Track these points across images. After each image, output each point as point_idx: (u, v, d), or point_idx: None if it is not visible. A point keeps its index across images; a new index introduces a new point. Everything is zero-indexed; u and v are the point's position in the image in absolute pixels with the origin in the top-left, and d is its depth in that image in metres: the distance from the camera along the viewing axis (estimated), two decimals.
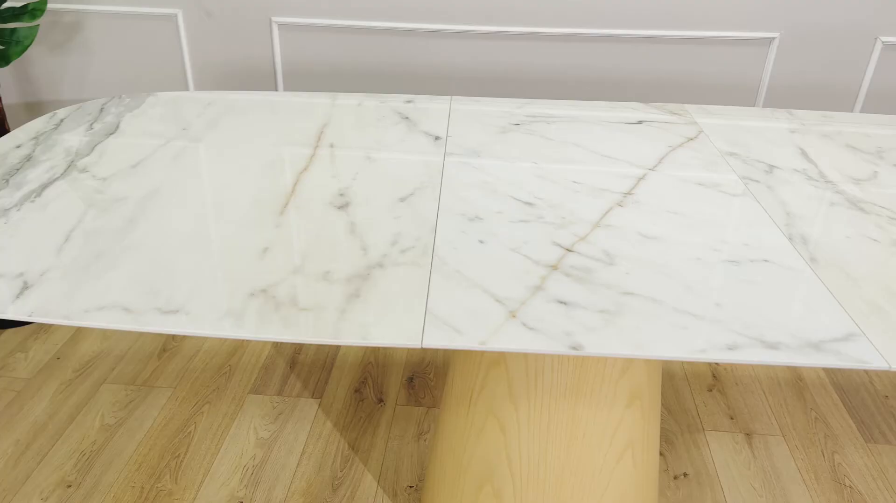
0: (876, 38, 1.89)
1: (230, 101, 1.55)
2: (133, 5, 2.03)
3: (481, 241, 1.03)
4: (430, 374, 1.88)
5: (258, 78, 2.09)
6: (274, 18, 1.99)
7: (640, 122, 1.46)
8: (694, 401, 1.82)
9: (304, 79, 2.06)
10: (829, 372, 1.93)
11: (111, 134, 1.38)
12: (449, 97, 1.57)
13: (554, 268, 0.96)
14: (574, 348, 0.82)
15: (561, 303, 0.89)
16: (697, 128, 1.45)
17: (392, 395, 1.81)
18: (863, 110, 1.99)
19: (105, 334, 2.01)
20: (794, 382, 1.89)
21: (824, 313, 0.88)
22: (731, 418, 1.77)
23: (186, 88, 2.13)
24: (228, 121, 1.45)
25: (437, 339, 0.82)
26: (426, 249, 1.01)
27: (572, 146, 1.35)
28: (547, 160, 1.29)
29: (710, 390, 1.86)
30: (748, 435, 1.72)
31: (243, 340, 1.90)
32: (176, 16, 2.03)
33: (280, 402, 1.78)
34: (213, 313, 0.87)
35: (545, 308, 0.88)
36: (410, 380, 1.86)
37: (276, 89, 2.09)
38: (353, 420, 1.73)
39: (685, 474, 1.61)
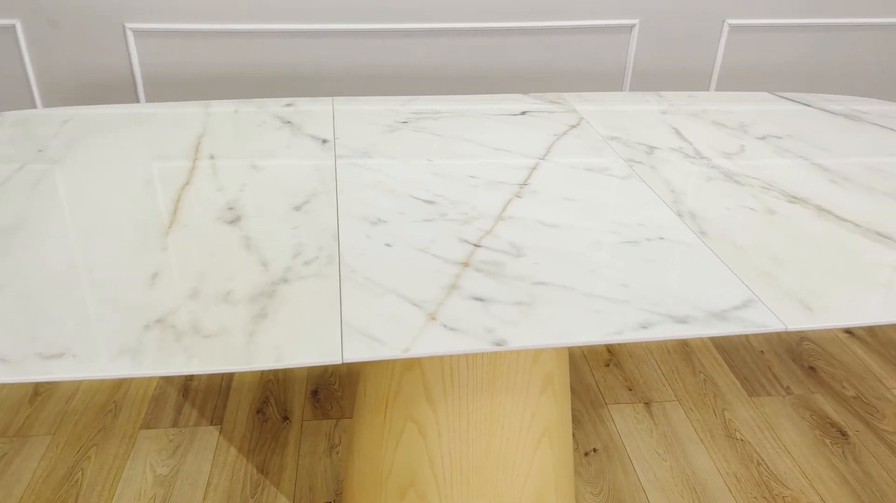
0: (723, 21, 2.03)
1: (89, 116, 1.42)
2: None
3: (388, 245, 1.00)
4: (335, 385, 1.83)
5: (115, 90, 1.94)
6: (128, 25, 1.85)
7: (523, 113, 1.49)
8: (594, 377, 1.89)
9: (169, 88, 1.94)
10: None
11: None
12: (330, 98, 1.52)
13: (465, 265, 0.95)
14: (498, 344, 0.81)
15: (477, 299, 0.88)
16: (578, 115, 1.49)
17: (297, 411, 1.75)
18: (717, 88, 2.13)
19: None
20: (682, 348, 2.00)
21: (722, 284, 0.93)
22: (630, 389, 1.85)
23: (33, 106, 1.94)
24: (91, 139, 1.33)
25: (358, 353, 0.79)
26: (331, 258, 0.96)
27: (462, 141, 1.35)
28: (440, 156, 1.28)
29: (607, 365, 1.94)
30: (647, 403, 1.80)
31: None
32: (14, 26, 1.84)
33: (176, 434, 1.67)
34: (105, 352, 0.79)
35: (463, 306, 0.87)
36: (315, 393, 1.80)
37: (137, 101, 1.95)
38: (259, 442, 1.65)
39: (594, 450, 1.66)
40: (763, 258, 0.99)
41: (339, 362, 0.78)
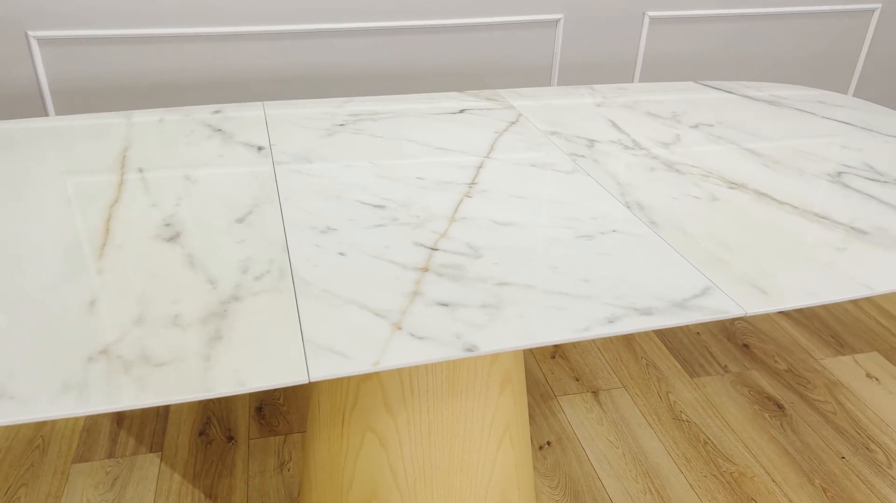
0: (644, 14, 2.07)
1: None
2: None
3: (341, 254, 0.96)
4: (280, 400, 1.77)
5: (20, 103, 1.81)
6: (30, 33, 1.73)
7: (461, 111, 1.47)
8: (541, 370, 1.90)
9: (81, 99, 1.82)
10: None
11: None
12: (261, 103, 1.46)
13: (424, 270, 0.93)
14: (469, 349, 0.79)
15: (442, 304, 0.86)
16: (515, 111, 1.48)
17: (242, 430, 1.68)
18: (640, 78, 2.18)
19: None
20: (622, 335, 2.04)
21: (679, 273, 0.94)
22: (577, 380, 1.87)
23: None
24: (1, 156, 1.22)
25: (324, 370, 0.75)
26: (283, 272, 0.92)
27: (404, 141, 1.32)
28: (383, 158, 1.24)
29: (553, 357, 1.95)
30: (594, 392, 1.83)
31: None
32: None
33: (114, 466, 1.57)
34: (46, 391, 0.72)
35: (428, 313, 0.84)
36: (259, 409, 1.74)
37: (45, 114, 1.82)
38: (204, 466, 1.58)
39: (548, 443, 1.67)
40: (714, 245, 1.01)
41: (307, 381, 0.74)
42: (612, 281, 0.92)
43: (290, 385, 0.74)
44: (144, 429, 1.67)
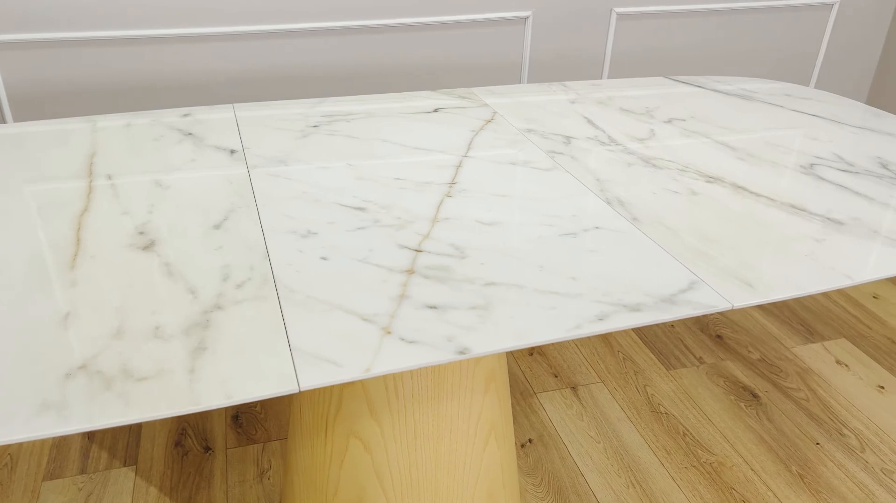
0: (611, 10, 2.08)
1: None
2: None
3: (324, 258, 0.94)
4: (257, 407, 1.73)
5: None
6: None
7: (436, 110, 1.46)
8: (520, 367, 1.90)
9: (41, 104, 1.75)
10: None
11: None
12: (231, 105, 1.43)
13: (410, 272, 0.92)
14: (461, 352, 0.78)
15: (431, 307, 0.85)
16: (490, 109, 1.48)
17: (219, 440, 1.64)
18: (609, 74, 2.20)
19: None
20: None
21: (664, 268, 0.95)
22: (556, 376, 1.87)
23: None
24: None
25: (315, 378, 0.74)
26: (265, 278, 0.90)
27: (380, 142, 1.30)
28: (360, 159, 1.22)
29: (531, 354, 1.95)
30: (573, 388, 1.83)
31: None
32: None
33: (86, 482, 1.52)
34: (22, 410, 0.69)
35: (417, 316, 0.83)
36: (235, 418, 1.70)
37: (3, 121, 1.76)
38: (181, 478, 1.54)
39: (530, 440, 1.67)
40: (696, 239, 1.02)
41: (297, 391, 0.72)
42: (600, 278, 0.92)
43: (279, 395, 0.72)
44: (117, 442, 1.62)
